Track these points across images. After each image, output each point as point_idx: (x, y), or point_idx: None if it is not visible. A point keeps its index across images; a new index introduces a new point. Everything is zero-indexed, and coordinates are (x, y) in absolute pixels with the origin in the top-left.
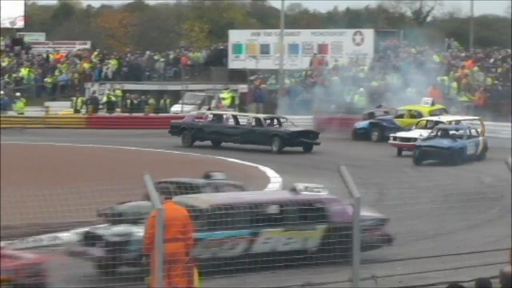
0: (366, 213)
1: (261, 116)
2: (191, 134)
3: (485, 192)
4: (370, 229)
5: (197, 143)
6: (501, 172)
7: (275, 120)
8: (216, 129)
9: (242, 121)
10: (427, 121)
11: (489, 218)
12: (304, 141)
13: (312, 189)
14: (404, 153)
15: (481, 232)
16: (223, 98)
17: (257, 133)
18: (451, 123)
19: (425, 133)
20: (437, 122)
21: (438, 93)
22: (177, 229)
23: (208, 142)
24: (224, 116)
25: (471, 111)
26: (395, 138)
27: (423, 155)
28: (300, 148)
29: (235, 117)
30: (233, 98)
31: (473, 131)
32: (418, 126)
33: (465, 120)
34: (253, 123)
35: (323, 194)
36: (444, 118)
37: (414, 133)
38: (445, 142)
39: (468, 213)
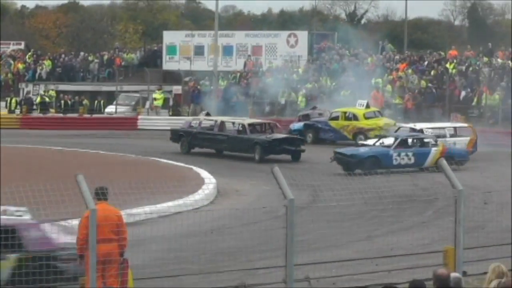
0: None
1: (246, 122)
2: (187, 141)
3: (419, 195)
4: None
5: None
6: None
7: (266, 126)
8: (206, 136)
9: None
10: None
11: (422, 221)
12: (288, 148)
13: (12, 213)
14: None
15: (415, 234)
16: (155, 99)
17: (240, 140)
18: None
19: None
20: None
21: (380, 96)
22: (110, 229)
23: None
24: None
25: (402, 114)
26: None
27: (338, 161)
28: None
29: (222, 123)
30: (165, 99)
31: (428, 140)
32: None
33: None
34: (239, 129)
35: (24, 218)
36: (420, 125)
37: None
38: (360, 150)
39: (402, 216)
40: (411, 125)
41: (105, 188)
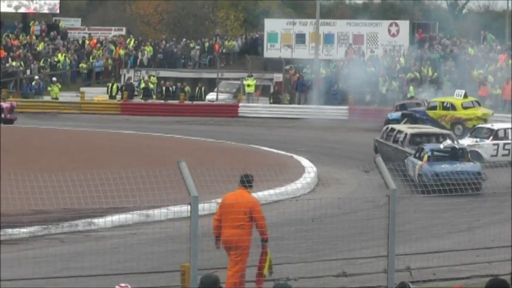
0: None
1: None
2: None
3: None
4: None
5: None
6: None
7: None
8: None
9: None
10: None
11: None
12: None
13: None
14: None
15: None
16: (248, 85)
17: None
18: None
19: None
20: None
21: (486, 90)
22: (237, 216)
23: None
24: None
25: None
26: None
27: None
28: None
29: None
30: (256, 86)
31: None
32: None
33: None
34: None
35: None
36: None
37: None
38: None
39: (502, 207)
40: (489, 125)
41: (250, 175)
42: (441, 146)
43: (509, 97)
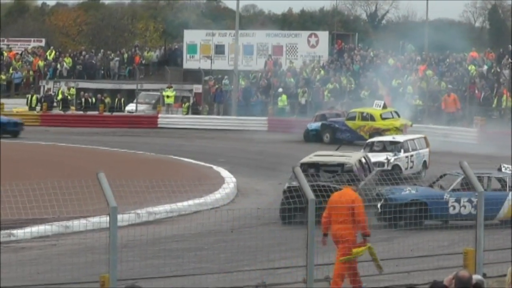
0: None
1: None
2: None
3: None
4: None
5: None
6: None
7: None
8: None
9: None
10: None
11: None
12: None
13: None
14: None
15: (435, 236)
16: (167, 96)
17: None
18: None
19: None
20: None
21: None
22: (341, 212)
23: None
24: None
25: (425, 116)
26: None
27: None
28: None
29: None
30: (175, 97)
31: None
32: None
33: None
34: None
35: None
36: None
37: (379, 157)
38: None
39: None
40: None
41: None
42: None
43: (452, 110)
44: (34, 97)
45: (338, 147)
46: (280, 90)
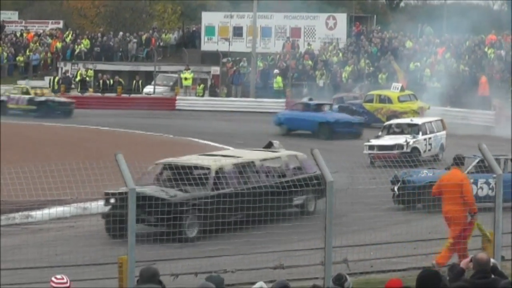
0: None
1: None
2: None
3: None
4: None
5: None
6: None
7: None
8: None
9: None
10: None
11: None
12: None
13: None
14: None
15: None
16: (185, 78)
17: None
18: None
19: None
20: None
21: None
22: (450, 193)
23: None
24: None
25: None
26: (371, 147)
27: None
28: None
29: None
30: (193, 79)
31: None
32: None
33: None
34: None
35: None
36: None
37: (397, 139)
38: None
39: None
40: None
41: (461, 156)
42: None
43: (486, 93)
44: (56, 79)
45: (267, 144)
46: (276, 71)
